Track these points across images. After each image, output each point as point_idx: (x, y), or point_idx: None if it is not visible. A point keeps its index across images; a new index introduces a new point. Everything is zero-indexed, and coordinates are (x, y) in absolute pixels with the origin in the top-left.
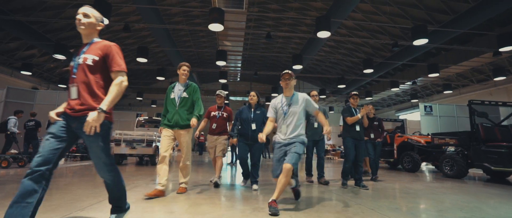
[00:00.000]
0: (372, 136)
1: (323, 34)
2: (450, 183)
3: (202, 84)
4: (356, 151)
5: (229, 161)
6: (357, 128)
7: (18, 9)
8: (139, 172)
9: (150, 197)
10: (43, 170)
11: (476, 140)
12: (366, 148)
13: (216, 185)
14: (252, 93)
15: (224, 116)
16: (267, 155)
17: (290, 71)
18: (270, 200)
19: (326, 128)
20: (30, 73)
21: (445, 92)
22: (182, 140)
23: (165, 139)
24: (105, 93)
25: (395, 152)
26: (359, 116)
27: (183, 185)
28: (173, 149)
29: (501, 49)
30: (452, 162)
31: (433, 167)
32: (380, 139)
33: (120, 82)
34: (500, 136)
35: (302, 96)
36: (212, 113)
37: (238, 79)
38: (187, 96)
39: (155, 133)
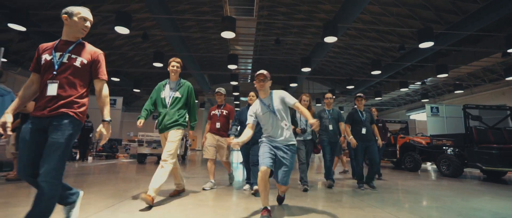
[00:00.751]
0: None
1: (330, 39)
2: (445, 181)
3: (213, 85)
4: (368, 153)
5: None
6: (363, 131)
7: (43, 20)
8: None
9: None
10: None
11: (470, 142)
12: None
13: (210, 187)
14: (252, 93)
15: (224, 113)
16: None
17: (264, 72)
18: (262, 210)
19: (311, 121)
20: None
21: (456, 92)
22: (170, 135)
23: (164, 145)
24: (81, 95)
25: (397, 152)
26: (348, 138)
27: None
28: (186, 148)
29: (509, 50)
30: (448, 162)
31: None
32: (384, 141)
33: (107, 92)
34: (493, 138)
35: (277, 93)
36: (213, 112)
37: (249, 81)
38: (179, 96)
39: None
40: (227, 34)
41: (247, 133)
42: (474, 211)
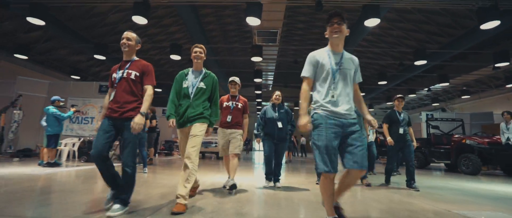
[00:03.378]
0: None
1: (372, 22)
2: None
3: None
4: (403, 154)
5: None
6: (401, 131)
7: (69, 18)
8: (208, 164)
9: (176, 213)
10: (102, 155)
11: (430, 144)
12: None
13: (233, 187)
14: (278, 93)
15: (239, 106)
16: (297, 154)
17: None
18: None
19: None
20: (78, 78)
21: (462, 97)
22: (194, 130)
23: (182, 142)
24: (138, 98)
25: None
26: (387, 139)
27: (180, 200)
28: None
29: (497, 64)
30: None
31: None
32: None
33: (152, 93)
34: (446, 141)
35: (352, 57)
36: (225, 104)
37: (270, 88)
38: (204, 87)
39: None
40: (256, 59)
41: (306, 89)
42: None
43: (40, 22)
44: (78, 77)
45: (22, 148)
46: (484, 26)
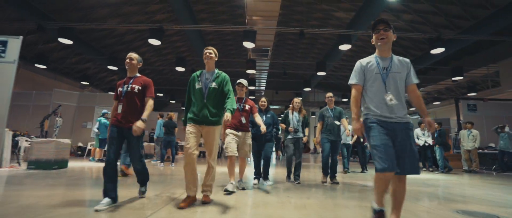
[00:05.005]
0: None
1: (344, 47)
2: None
3: None
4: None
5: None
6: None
7: (82, 31)
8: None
9: (183, 208)
10: (114, 162)
11: None
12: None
13: (242, 188)
14: (263, 99)
15: (247, 108)
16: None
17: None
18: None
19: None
20: (88, 83)
21: (434, 103)
22: (211, 138)
23: (191, 136)
24: (141, 109)
25: None
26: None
27: (207, 193)
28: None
29: (454, 78)
30: None
31: None
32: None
33: (152, 103)
34: None
35: (403, 60)
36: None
37: (262, 94)
38: (216, 87)
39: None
40: (250, 71)
41: (357, 97)
42: None
43: (68, 42)
44: (87, 83)
45: None
46: (433, 51)
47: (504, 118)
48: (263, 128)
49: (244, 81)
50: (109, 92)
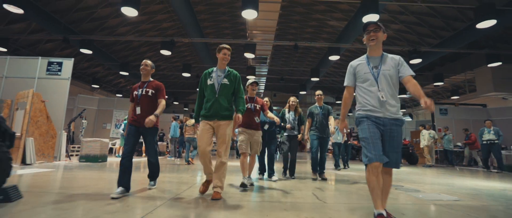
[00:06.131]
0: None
1: (334, 58)
2: None
3: None
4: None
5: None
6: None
7: (113, 51)
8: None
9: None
10: (130, 155)
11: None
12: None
13: (250, 184)
14: (266, 99)
15: (258, 108)
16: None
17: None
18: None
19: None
20: (98, 86)
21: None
22: (222, 132)
23: (204, 132)
24: (154, 109)
25: None
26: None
27: (217, 190)
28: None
29: (435, 83)
30: None
31: None
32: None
33: (164, 103)
34: None
35: (393, 57)
36: (246, 106)
37: (262, 96)
38: (227, 83)
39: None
40: (250, 77)
41: (348, 97)
42: None
43: (88, 52)
44: (97, 86)
45: None
46: (412, 62)
47: (470, 121)
48: (277, 120)
49: (257, 81)
50: (116, 95)
